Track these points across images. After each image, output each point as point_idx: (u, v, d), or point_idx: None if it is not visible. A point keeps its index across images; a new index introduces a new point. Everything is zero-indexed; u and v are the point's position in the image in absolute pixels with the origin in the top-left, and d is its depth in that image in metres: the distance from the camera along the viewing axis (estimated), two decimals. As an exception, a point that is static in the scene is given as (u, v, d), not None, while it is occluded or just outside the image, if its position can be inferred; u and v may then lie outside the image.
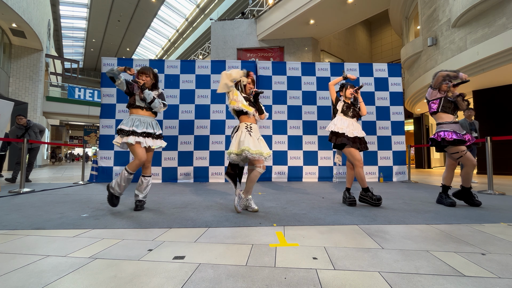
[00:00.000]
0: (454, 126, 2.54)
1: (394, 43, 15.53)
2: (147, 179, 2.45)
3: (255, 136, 2.32)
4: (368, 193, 2.62)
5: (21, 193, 3.48)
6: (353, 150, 2.62)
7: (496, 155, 6.90)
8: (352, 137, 2.63)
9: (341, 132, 2.63)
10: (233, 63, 5.36)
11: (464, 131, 2.53)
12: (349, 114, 2.73)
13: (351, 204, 2.61)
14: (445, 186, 2.68)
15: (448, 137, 2.48)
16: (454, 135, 2.48)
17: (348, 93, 2.76)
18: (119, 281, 1.05)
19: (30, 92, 11.32)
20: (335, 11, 10.10)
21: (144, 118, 2.39)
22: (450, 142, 2.49)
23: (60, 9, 18.29)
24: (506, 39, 5.37)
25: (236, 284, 1.03)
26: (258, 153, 2.22)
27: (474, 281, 1.05)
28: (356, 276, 1.09)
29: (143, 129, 2.32)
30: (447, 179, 2.68)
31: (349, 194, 2.69)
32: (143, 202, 2.46)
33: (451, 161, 2.66)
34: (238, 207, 2.30)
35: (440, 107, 2.58)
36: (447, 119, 2.57)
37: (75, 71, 17.07)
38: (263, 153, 2.26)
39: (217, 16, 17.27)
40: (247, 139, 2.26)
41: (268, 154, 2.30)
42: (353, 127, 2.66)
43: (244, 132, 2.31)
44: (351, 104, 2.78)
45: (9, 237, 1.59)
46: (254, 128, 2.39)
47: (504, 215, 2.21)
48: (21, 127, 5.07)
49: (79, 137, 25.33)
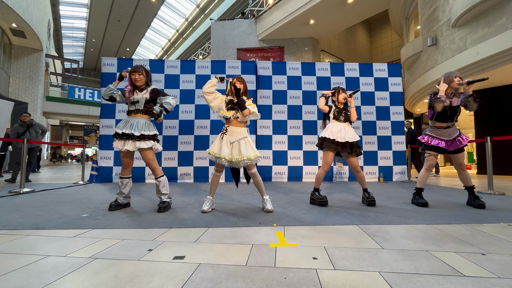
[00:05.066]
0: (443, 131, 2.62)
1: (394, 43, 15.53)
2: (159, 180, 2.40)
3: (227, 140, 2.33)
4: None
5: (21, 193, 3.48)
6: (328, 153, 2.65)
7: (496, 155, 6.90)
8: (342, 142, 2.63)
9: (332, 138, 2.63)
10: (233, 63, 5.36)
11: (453, 136, 2.58)
12: (341, 119, 2.74)
13: (322, 204, 2.61)
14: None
15: (428, 142, 2.66)
16: (434, 141, 2.62)
17: (340, 97, 2.76)
18: (119, 281, 1.05)
19: (30, 92, 11.32)
20: (335, 11, 10.10)
21: (132, 120, 2.37)
22: (428, 146, 2.66)
23: (60, 9, 18.29)
24: (506, 39, 5.37)
25: (236, 284, 1.03)
26: (218, 156, 2.28)
27: (474, 281, 1.05)
28: (356, 276, 1.09)
29: (123, 130, 2.31)
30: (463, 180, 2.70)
31: (319, 194, 2.72)
32: (166, 202, 2.39)
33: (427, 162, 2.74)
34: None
35: (434, 116, 2.67)
36: (438, 125, 2.67)
37: (75, 71, 17.07)
38: (223, 156, 2.26)
39: (217, 16, 17.27)
40: (216, 144, 2.34)
41: (246, 158, 2.26)
42: (345, 132, 2.66)
43: (217, 138, 2.39)
44: (342, 108, 2.79)
45: (9, 237, 1.59)
46: (231, 131, 2.35)
47: (504, 215, 2.21)
48: (23, 125, 5.07)
49: (79, 137, 25.35)
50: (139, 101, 2.38)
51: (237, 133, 2.35)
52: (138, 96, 2.39)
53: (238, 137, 2.34)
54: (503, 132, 7.26)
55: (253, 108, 2.35)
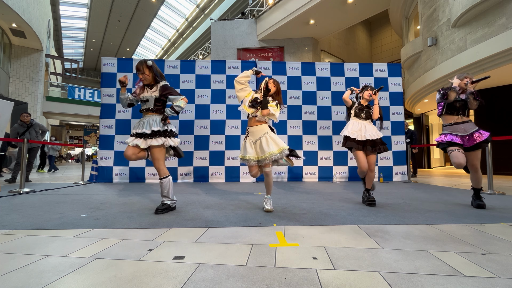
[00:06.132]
0: (457, 127, 2.53)
1: (394, 43, 15.52)
2: (162, 181, 2.31)
3: (250, 141, 2.38)
4: (364, 192, 2.71)
5: (21, 193, 3.48)
6: (357, 153, 2.63)
7: (496, 155, 6.89)
8: (362, 140, 2.63)
9: (352, 136, 2.64)
10: (233, 63, 5.36)
11: (470, 131, 2.47)
12: (362, 116, 2.73)
13: (369, 204, 2.61)
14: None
15: (443, 140, 2.55)
16: (448, 137, 2.52)
17: (365, 94, 2.75)
18: (119, 281, 1.05)
19: (30, 92, 11.32)
20: (335, 11, 10.10)
21: (145, 119, 2.34)
22: (444, 144, 2.56)
23: (60, 9, 18.29)
24: (506, 39, 5.37)
25: (236, 284, 1.03)
26: (245, 158, 2.34)
27: (474, 281, 1.05)
28: (356, 276, 1.09)
29: (137, 130, 2.32)
30: (472, 180, 2.62)
31: (369, 194, 2.69)
32: (166, 205, 2.31)
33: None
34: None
35: (444, 110, 2.62)
36: (450, 120, 2.60)
37: (75, 71, 17.06)
38: (248, 157, 2.32)
39: (217, 16, 17.26)
40: (242, 147, 2.43)
41: (268, 154, 2.24)
42: (365, 130, 2.65)
43: (242, 141, 2.48)
44: (365, 106, 2.76)
45: (9, 237, 1.59)
46: (251, 131, 2.39)
47: (504, 215, 2.21)
48: (23, 125, 5.07)
49: (79, 137, 25.35)
50: (148, 100, 2.33)
51: (257, 132, 2.37)
52: (148, 95, 2.34)
53: (258, 135, 2.36)
54: (503, 132, 7.26)
55: (274, 110, 2.33)
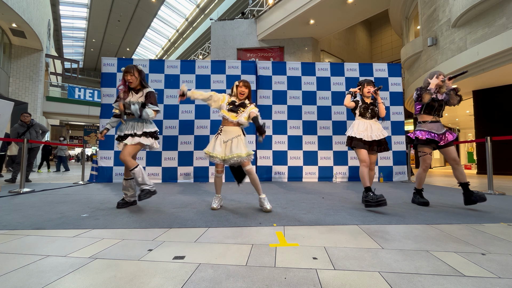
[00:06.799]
0: (432, 125, 2.59)
1: (394, 43, 15.53)
2: (133, 172, 2.31)
3: (221, 140, 2.41)
4: (369, 193, 2.46)
5: (21, 193, 3.48)
6: (360, 150, 2.61)
7: (496, 155, 6.90)
8: (369, 141, 2.61)
9: (359, 137, 2.60)
10: (233, 63, 5.36)
11: (442, 131, 2.55)
12: (367, 115, 2.70)
13: (379, 204, 2.35)
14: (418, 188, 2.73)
15: (421, 137, 2.59)
16: (428, 134, 2.56)
17: (365, 91, 2.72)
18: (119, 281, 1.05)
19: (30, 92, 11.32)
20: (335, 11, 10.10)
21: (131, 121, 2.47)
22: (423, 141, 2.59)
23: (60, 9, 18.30)
24: (506, 39, 5.37)
25: (236, 284, 1.03)
26: (212, 155, 2.37)
27: (474, 281, 1.05)
28: (356, 276, 1.09)
29: (125, 132, 2.43)
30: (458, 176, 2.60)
31: (374, 193, 2.48)
32: (145, 190, 2.28)
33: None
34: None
35: (422, 110, 2.65)
36: (427, 118, 2.64)
37: (75, 71, 17.06)
38: (215, 155, 2.35)
39: (217, 16, 17.27)
40: (211, 143, 2.44)
41: (236, 155, 2.29)
42: (371, 130, 2.63)
43: (213, 137, 2.49)
44: (370, 104, 2.72)
45: (9, 237, 1.59)
46: (225, 131, 2.44)
47: (504, 215, 2.21)
48: (23, 125, 5.07)
49: (79, 137, 25.32)
50: (132, 112, 2.37)
51: (231, 132, 2.42)
52: (134, 99, 2.39)
53: (231, 136, 2.41)
54: (503, 132, 7.26)
55: (245, 119, 2.47)
